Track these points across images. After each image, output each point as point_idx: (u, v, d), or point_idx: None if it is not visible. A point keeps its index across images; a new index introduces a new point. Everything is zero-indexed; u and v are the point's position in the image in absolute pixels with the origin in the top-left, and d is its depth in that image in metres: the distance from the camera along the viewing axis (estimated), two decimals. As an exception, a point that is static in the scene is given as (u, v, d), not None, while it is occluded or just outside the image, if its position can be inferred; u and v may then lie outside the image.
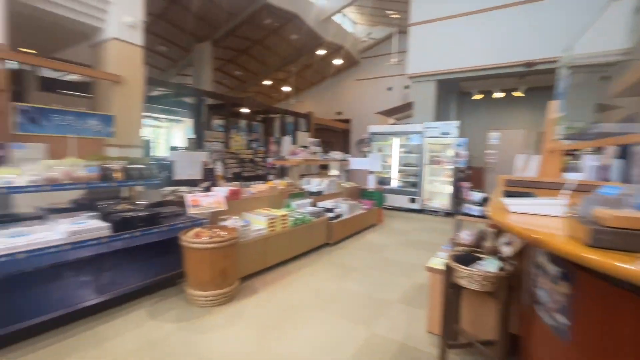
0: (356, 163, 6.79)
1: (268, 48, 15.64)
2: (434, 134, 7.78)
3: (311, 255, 4.72)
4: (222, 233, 3.20)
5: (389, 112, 14.01)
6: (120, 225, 2.89)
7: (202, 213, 3.50)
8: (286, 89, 19.39)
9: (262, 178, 14.78)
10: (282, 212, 4.36)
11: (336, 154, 6.74)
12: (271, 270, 4.05)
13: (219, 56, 15.62)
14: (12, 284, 2.32)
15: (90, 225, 2.69)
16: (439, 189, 7.88)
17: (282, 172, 15.77)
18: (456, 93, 10.92)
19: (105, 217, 2.97)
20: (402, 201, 8.17)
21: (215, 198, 3.59)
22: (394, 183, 8.54)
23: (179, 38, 13.72)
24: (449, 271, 2.13)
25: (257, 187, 4.62)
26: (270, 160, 14.61)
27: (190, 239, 3.02)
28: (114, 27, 6.11)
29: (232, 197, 4.01)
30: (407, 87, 13.68)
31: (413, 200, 8.02)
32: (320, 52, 15.26)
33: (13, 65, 7.13)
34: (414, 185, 8.16)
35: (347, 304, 3.27)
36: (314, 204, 5.31)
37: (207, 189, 4.29)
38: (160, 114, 18.18)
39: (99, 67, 6.62)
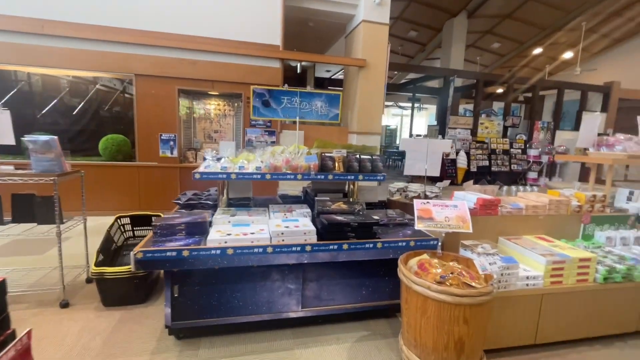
0: None
1: (545, 2, 11.64)
2: None
3: (635, 343, 2.44)
4: (464, 274, 1.89)
5: None
6: (328, 231, 2.25)
7: (433, 231, 2.33)
8: (567, 55, 14.08)
9: (517, 175, 11.51)
10: (579, 250, 2.39)
11: None
12: (546, 350, 2.30)
13: (473, 29, 13.35)
14: (216, 278, 2.18)
15: (296, 228, 2.20)
16: None
17: (550, 170, 11.70)
18: None
19: (317, 216, 2.45)
20: None
21: (456, 211, 2.30)
22: None
23: (430, 17, 12.74)
24: None
25: (528, 197, 2.84)
26: (534, 152, 11.11)
27: (411, 273, 1.94)
28: (364, 10, 5.92)
29: (484, 210, 2.54)
30: None
31: None
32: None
33: (297, 65, 8.83)
34: None
35: None
36: (649, 242, 2.79)
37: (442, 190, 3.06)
38: (404, 102, 18.37)
39: (348, 56, 6.83)
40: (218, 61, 5.33)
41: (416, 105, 16.63)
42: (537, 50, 14.45)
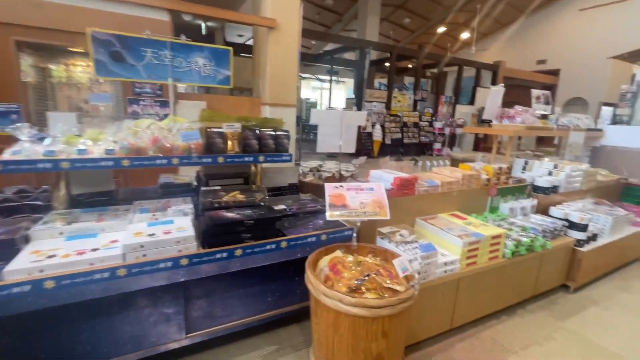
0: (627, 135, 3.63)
1: (450, -22, 12.24)
2: None
3: (531, 308, 2.57)
4: (382, 273, 1.58)
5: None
6: (213, 234, 1.69)
7: (347, 220, 1.97)
8: (465, 35, 15.38)
9: (425, 146, 12.43)
10: (490, 227, 2.33)
11: (579, 119, 3.83)
12: (461, 332, 2.22)
13: (387, 1, 13.45)
14: (42, 319, 1.46)
15: (166, 235, 1.58)
16: None
17: (451, 141, 12.90)
18: None
19: (201, 213, 1.85)
20: None
21: (372, 195, 1.97)
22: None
23: (346, -17, 12.30)
24: None
25: (443, 173, 2.71)
26: (439, 124, 12.01)
27: (319, 282, 1.54)
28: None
29: (401, 191, 2.29)
30: None
31: None
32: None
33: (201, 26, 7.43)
34: None
35: None
36: (544, 210, 2.95)
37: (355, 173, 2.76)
38: (323, 75, 18.06)
39: (257, 15, 6.00)
40: (77, 5, 3.99)
41: (334, 78, 16.46)
42: (442, 29, 15.44)
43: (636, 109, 4.51)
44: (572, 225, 2.77)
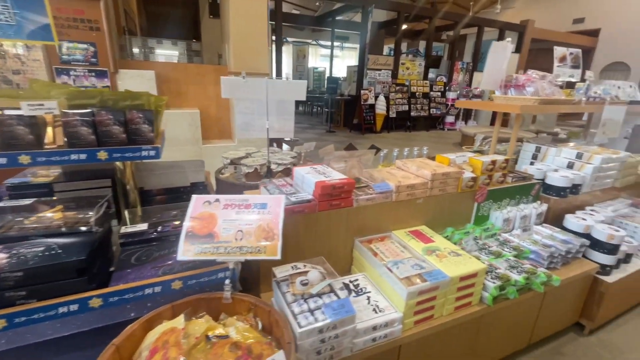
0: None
1: None
2: None
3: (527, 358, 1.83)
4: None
5: None
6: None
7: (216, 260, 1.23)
8: (490, -10, 13.46)
9: (436, 120, 11.25)
10: (464, 257, 1.53)
11: (619, 88, 2.79)
12: (408, 411, 1.53)
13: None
14: None
15: None
16: None
17: (467, 114, 11.64)
18: None
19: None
20: None
21: (261, 217, 1.22)
22: None
23: None
24: None
25: (407, 169, 1.89)
26: (452, 95, 10.76)
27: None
28: None
29: (327, 202, 1.51)
30: None
31: None
32: None
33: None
34: None
35: None
36: (557, 218, 2.11)
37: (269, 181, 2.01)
38: (328, 41, 16.61)
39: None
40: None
41: (338, 44, 15.06)
42: (462, -17, 13.55)
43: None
44: (596, 244, 1.93)
